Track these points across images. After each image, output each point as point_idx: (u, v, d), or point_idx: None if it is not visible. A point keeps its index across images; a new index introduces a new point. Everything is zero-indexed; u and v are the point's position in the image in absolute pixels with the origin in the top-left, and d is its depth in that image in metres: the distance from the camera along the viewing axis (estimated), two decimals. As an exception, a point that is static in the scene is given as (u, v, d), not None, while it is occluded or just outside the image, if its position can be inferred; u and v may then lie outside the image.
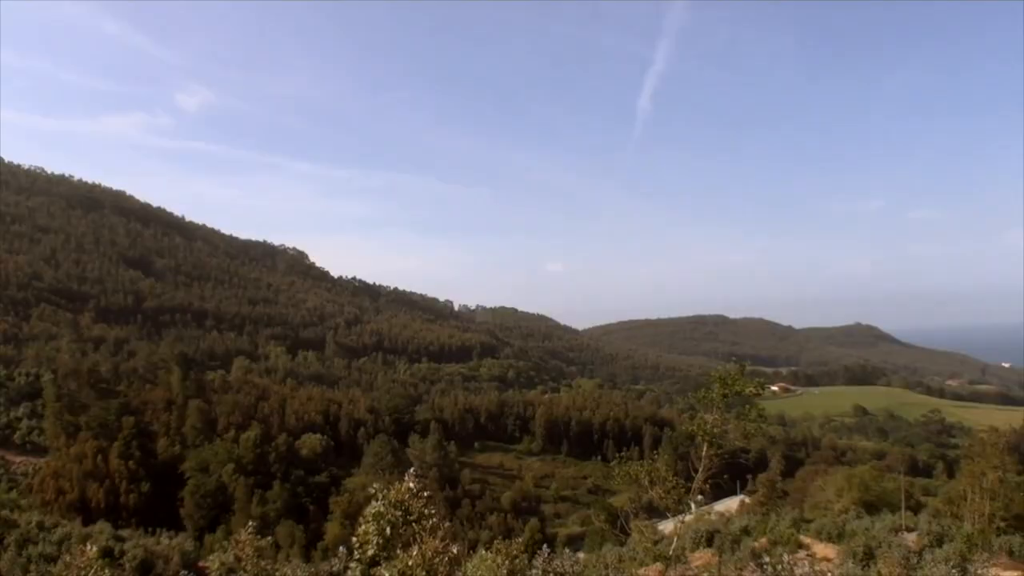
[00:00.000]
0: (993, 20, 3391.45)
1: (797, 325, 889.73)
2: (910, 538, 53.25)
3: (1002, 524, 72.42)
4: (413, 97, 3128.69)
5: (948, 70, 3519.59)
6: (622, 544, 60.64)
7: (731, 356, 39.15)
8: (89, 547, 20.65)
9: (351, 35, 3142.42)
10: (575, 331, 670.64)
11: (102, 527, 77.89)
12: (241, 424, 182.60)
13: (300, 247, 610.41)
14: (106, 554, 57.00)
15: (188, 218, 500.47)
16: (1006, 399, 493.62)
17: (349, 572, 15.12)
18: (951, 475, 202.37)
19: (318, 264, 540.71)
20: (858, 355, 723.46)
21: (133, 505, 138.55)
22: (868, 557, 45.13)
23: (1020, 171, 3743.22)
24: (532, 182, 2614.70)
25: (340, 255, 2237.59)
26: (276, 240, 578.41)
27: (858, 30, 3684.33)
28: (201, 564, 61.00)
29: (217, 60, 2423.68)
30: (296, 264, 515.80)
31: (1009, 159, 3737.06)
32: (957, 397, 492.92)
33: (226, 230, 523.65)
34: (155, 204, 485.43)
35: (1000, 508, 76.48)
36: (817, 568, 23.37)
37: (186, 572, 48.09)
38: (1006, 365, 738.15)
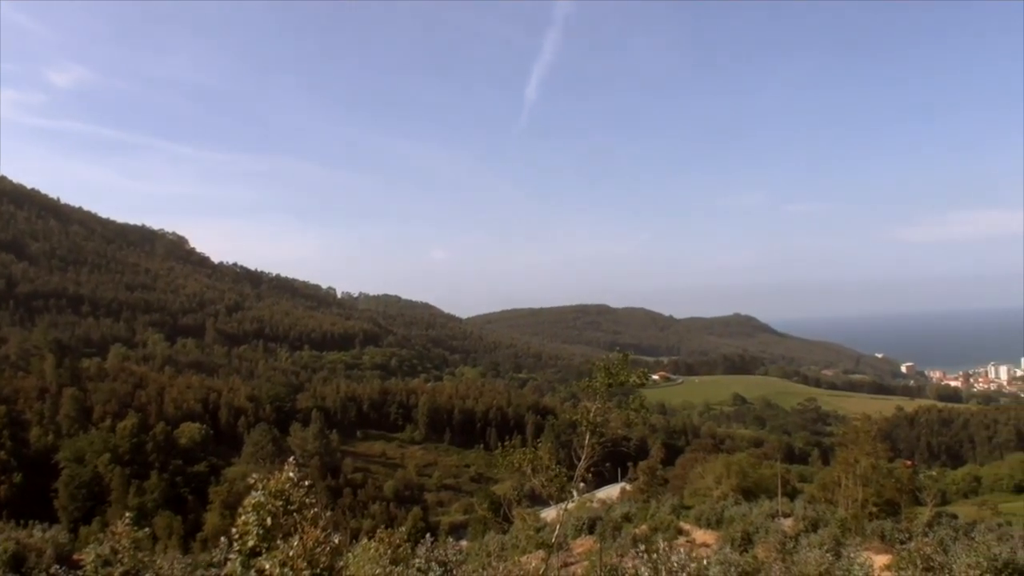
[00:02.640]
0: (871, 23, 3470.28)
1: (678, 315, 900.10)
2: (786, 523, 54.34)
3: (874, 509, 74.41)
4: (298, 82, 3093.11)
5: (826, 70, 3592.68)
6: (505, 532, 60.90)
7: (614, 345, 39.54)
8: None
9: (234, 16, 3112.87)
10: (458, 319, 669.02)
11: (-29, 519, 75.82)
12: (118, 413, 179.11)
13: (180, 232, 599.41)
14: (-25, 547, 55.35)
15: (64, 200, 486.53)
16: (879, 388, 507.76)
17: (229, 563, 14.80)
18: (826, 462, 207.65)
19: (198, 249, 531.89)
20: (737, 345, 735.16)
21: (4, 497, 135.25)
22: (746, 542, 46.04)
23: (896, 168, 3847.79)
24: (417, 169, 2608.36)
25: (221, 240, 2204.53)
26: (155, 224, 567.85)
27: (741, 29, 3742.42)
28: (76, 557, 59.53)
29: (91, 36, 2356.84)
30: (175, 249, 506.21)
31: (885, 157, 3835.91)
32: (832, 386, 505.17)
33: (103, 213, 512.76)
34: (29, 185, 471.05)
35: (872, 494, 78.61)
36: (696, 554, 23.63)
37: (60, 566, 46.83)
38: (879, 356, 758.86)
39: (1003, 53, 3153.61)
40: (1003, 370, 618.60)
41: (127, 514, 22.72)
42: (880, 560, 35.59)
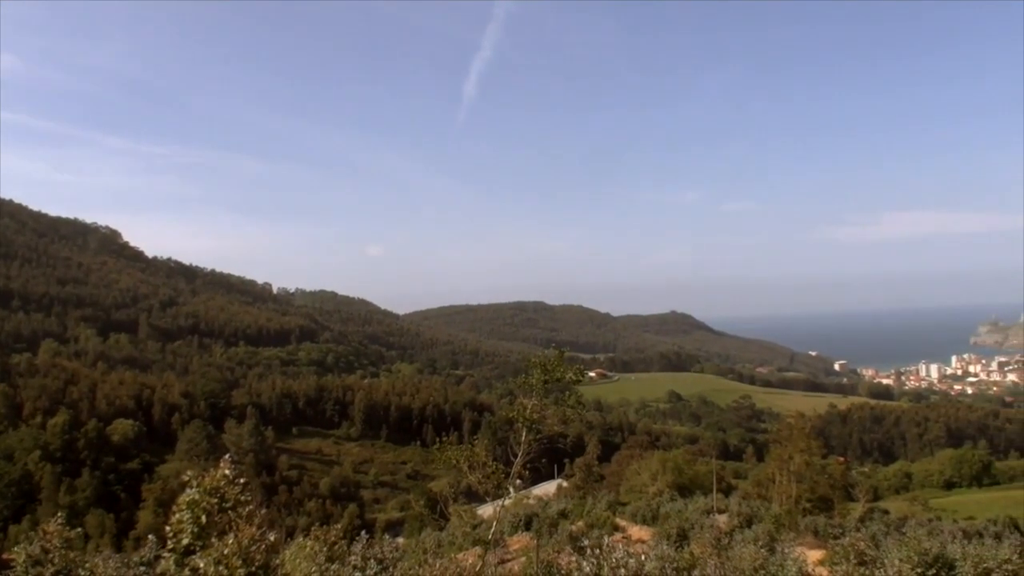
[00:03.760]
0: (804, 30, 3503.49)
1: (615, 313, 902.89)
2: (721, 519, 54.80)
3: (808, 505, 75.47)
4: (234, 74, 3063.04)
5: (761, 75, 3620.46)
6: (441, 529, 60.87)
7: (550, 342, 39.61)
8: None
9: (168, 7, 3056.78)
10: (395, 315, 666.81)
11: None
12: (48, 409, 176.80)
13: (113, 225, 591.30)
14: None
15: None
16: (812, 386, 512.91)
17: (162, 562, 14.65)
18: (760, 459, 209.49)
19: (132, 243, 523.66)
20: (673, 342, 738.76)
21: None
22: (682, 538, 46.27)
23: (829, 170, 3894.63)
24: (354, 164, 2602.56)
25: (156, 235, 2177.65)
26: (88, 218, 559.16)
27: (681, 33, 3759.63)
28: (5, 556, 58.73)
29: (21, 24, 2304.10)
30: (108, 243, 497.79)
31: (818, 159, 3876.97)
32: (767, 384, 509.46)
33: (35, 206, 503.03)
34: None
35: (806, 490, 79.64)
36: (632, 550, 23.72)
37: (-12, 564, 46.16)
38: (813, 353, 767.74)
39: (931, 63, 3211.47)
40: (933, 368, 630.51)
41: (58, 512, 22.40)
42: (814, 555, 35.97)
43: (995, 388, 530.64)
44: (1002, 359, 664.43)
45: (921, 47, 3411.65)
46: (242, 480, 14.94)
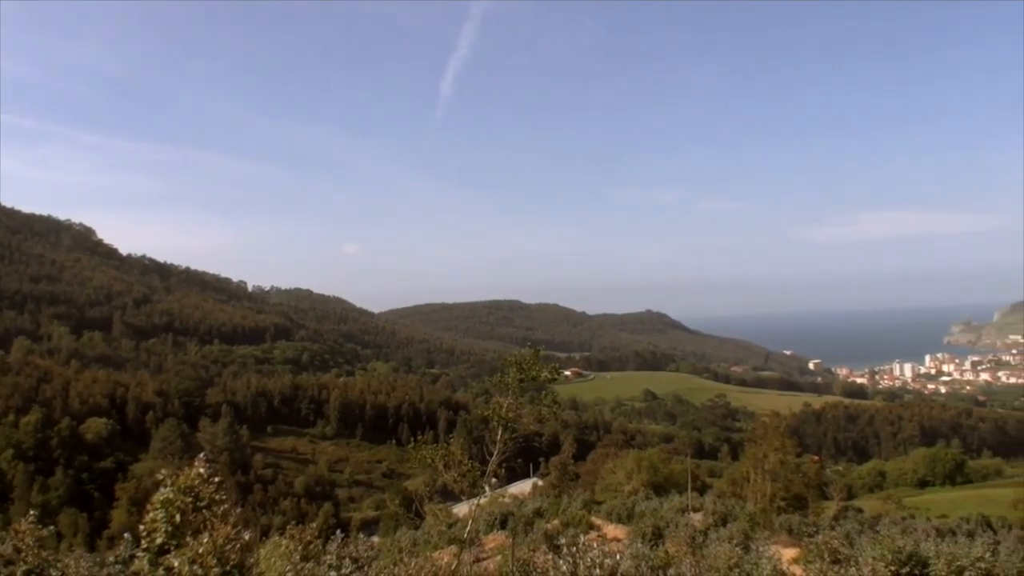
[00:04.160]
0: (782, 32, 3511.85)
1: (590, 311, 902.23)
2: (696, 518, 54.79)
3: (782, 503, 75.58)
4: (211, 72, 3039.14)
5: (738, 76, 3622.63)
6: (417, 528, 60.68)
7: (526, 341, 39.65)
8: None
9: (148, 4, 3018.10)
10: (371, 314, 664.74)
11: None
12: (21, 407, 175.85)
13: (87, 223, 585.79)
14: None
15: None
16: (787, 385, 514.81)
17: (136, 561, 14.52)
18: (735, 457, 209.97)
19: (106, 241, 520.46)
20: (648, 341, 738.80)
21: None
22: (657, 537, 46.22)
23: (806, 170, 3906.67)
24: (330, 162, 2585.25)
25: (130, 232, 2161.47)
26: (62, 215, 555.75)
27: (658, 29, 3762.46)
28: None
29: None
30: (82, 240, 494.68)
31: (795, 159, 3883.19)
32: (741, 383, 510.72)
33: (7, 202, 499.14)
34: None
35: (780, 488, 79.80)
36: (607, 549, 23.67)
37: (-41, 563, 45.60)
38: (788, 353, 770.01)
39: (906, 65, 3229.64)
40: (907, 367, 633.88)
41: (31, 511, 22.18)
42: (788, 553, 36.03)
43: (968, 387, 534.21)
44: (975, 358, 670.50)
45: (907, 48, 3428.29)
46: (216, 479, 14.81)
